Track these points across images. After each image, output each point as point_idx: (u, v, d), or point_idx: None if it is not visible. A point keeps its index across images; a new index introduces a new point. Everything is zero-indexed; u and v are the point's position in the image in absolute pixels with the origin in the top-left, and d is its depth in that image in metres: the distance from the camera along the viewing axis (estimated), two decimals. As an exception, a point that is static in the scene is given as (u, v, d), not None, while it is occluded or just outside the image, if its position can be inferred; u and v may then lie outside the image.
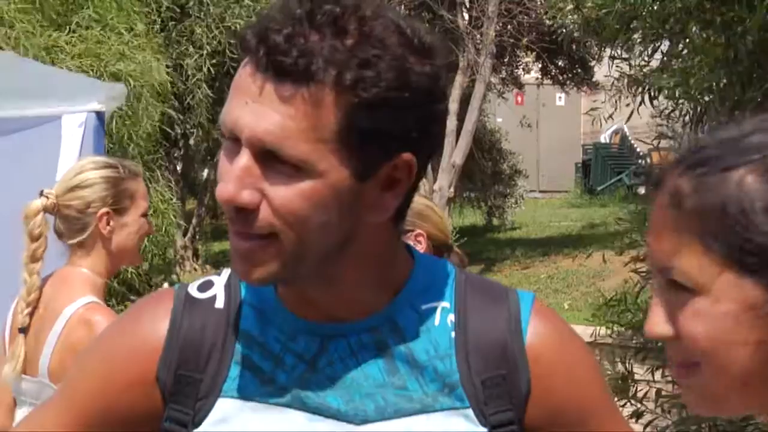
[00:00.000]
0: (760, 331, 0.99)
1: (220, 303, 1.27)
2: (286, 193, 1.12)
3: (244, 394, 1.23)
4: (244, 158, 1.13)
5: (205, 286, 1.30)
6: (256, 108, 1.11)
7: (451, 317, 1.26)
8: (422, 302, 1.27)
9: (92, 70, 5.66)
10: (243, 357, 1.24)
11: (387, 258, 1.25)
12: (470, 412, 1.23)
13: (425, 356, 1.24)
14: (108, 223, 2.57)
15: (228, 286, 1.29)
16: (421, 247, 2.56)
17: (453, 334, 1.25)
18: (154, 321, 1.27)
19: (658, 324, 1.05)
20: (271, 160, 1.12)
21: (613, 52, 4.09)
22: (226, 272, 1.31)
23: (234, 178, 1.13)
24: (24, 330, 2.55)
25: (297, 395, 1.22)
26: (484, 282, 1.33)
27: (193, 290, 1.29)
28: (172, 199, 7.23)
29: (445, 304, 1.27)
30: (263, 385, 1.23)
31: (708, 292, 1.01)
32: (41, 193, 2.61)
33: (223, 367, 1.24)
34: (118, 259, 2.64)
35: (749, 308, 0.99)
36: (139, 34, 6.27)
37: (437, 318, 1.26)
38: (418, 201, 2.67)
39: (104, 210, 2.56)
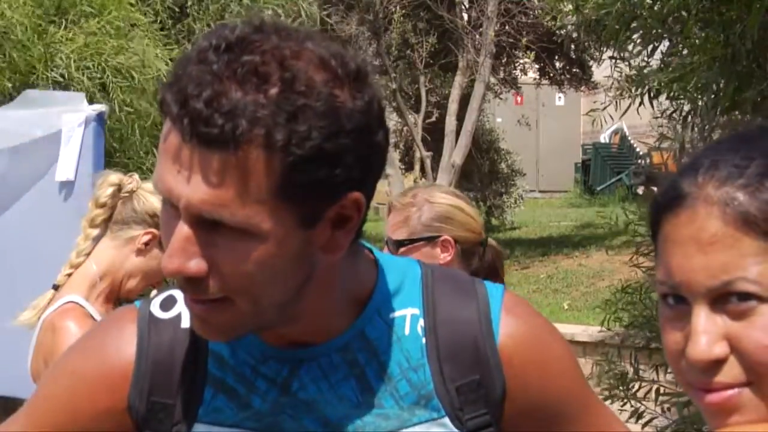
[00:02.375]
0: None
1: (186, 322, 1.22)
2: (234, 259, 1.08)
3: (221, 419, 1.20)
4: (185, 228, 1.08)
5: (168, 304, 1.25)
6: (188, 177, 1.06)
7: (422, 323, 1.24)
8: (390, 311, 1.24)
9: (92, 65, 5.64)
10: (216, 379, 1.21)
11: (350, 277, 1.21)
12: (447, 420, 1.21)
13: (398, 369, 1.22)
14: (147, 244, 2.54)
15: None
16: (448, 255, 2.42)
17: (424, 341, 1.23)
18: (120, 344, 1.23)
19: (710, 344, 0.97)
20: (213, 225, 1.08)
21: (613, 53, 4.09)
22: None
23: (178, 250, 1.08)
24: (56, 287, 2.54)
25: (274, 420, 1.20)
26: (452, 278, 1.30)
27: (155, 309, 1.25)
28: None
29: (414, 310, 1.24)
30: (240, 410, 1.20)
31: None
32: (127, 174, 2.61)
33: (196, 390, 1.21)
34: (127, 279, 2.57)
35: None
36: (138, 25, 6.24)
37: (407, 327, 1.23)
38: (441, 200, 2.50)
39: (156, 231, 2.50)
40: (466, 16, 13.71)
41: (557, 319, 9.37)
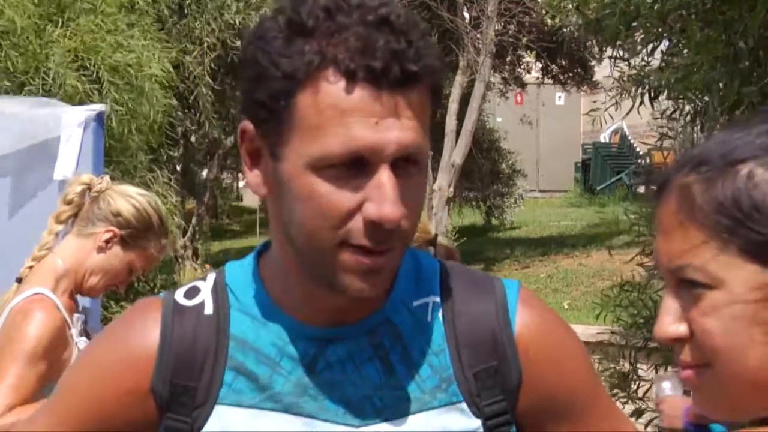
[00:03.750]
0: None
1: (209, 309, 1.26)
2: (418, 199, 1.18)
3: (241, 400, 1.23)
4: (392, 176, 1.13)
5: (192, 293, 1.28)
6: (394, 121, 1.12)
7: (441, 311, 1.27)
8: (414, 299, 1.27)
9: (89, 63, 5.64)
10: (238, 363, 1.24)
11: None
12: (464, 405, 1.24)
13: (420, 354, 1.25)
14: (107, 242, 2.56)
15: (215, 292, 1.28)
16: None
17: (444, 329, 1.26)
18: (144, 332, 1.26)
19: (669, 324, 1.04)
20: (406, 168, 1.15)
21: (614, 53, 4.09)
22: (211, 277, 1.30)
23: (396, 197, 1.13)
24: (19, 279, 2.59)
25: (294, 400, 1.22)
26: (469, 272, 1.34)
27: (180, 298, 1.28)
28: (171, 198, 7.22)
29: (435, 299, 1.28)
30: (259, 391, 1.23)
31: (724, 286, 1.00)
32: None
33: (217, 373, 1.23)
34: (89, 275, 2.58)
35: (760, 300, 0.99)
36: (135, 24, 6.23)
37: (429, 314, 1.27)
38: None
39: (114, 229, 2.56)
40: (466, 16, 13.71)
41: (557, 318, 9.36)
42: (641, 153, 18.02)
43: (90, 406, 1.26)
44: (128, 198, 2.61)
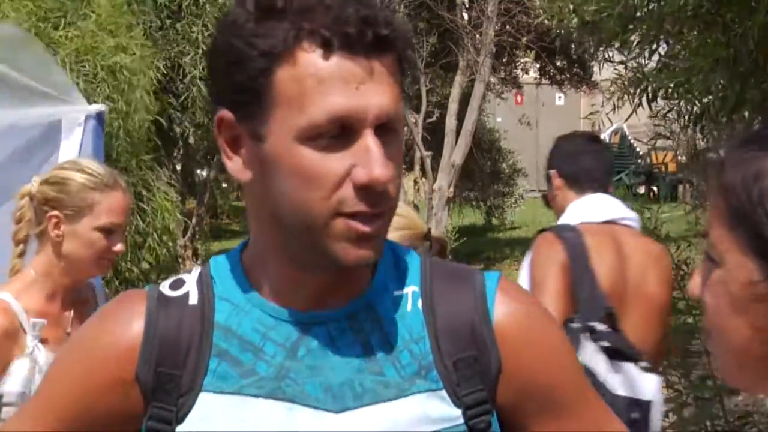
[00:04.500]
0: (753, 314, 1.01)
1: (193, 299, 1.28)
2: (399, 161, 1.20)
3: (225, 387, 1.23)
4: (376, 139, 1.16)
5: (177, 285, 1.30)
6: (374, 86, 1.15)
7: (421, 302, 1.28)
8: (395, 287, 1.29)
9: (88, 64, 5.64)
10: (221, 350, 1.25)
11: None
12: (444, 393, 1.24)
13: (401, 341, 1.25)
14: (56, 227, 2.49)
15: (200, 283, 1.29)
16: None
17: (424, 318, 1.27)
18: (129, 321, 1.27)
19: (695, 285, 1.08)
20: (386, 130, 1.17)
21: (610, 55, 4.09)
22: (197, 270, 1.32)
23: (384, 158, 1.16)
24: None
25: (277, 385, 1.23)
26: (449, 264, 1.35)
27: (165, 289, 1.29)
28: (172, 197, 7.21)
29: (414, 288, 1.29)
30: (243, 377, 1.24)
31: (724, 267, 1.03)
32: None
33: (202, 361, 1.24)
34: (71, 268, 2.52)
35: (747, 290, 1.01)
36: (134, 28, 6.24)
37: (409, 303, 1.28)
38: None
39: (53, 213, 2.48)
40: (466, 16, 13.71)
41: (557, 319, 9.36)
42: (641, 153, 18.02)
43: (76, 396, 1.27)
44: (46, 180, 2.55)
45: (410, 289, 1.29)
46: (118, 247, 2.54)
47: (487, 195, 17.16)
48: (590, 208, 3.10)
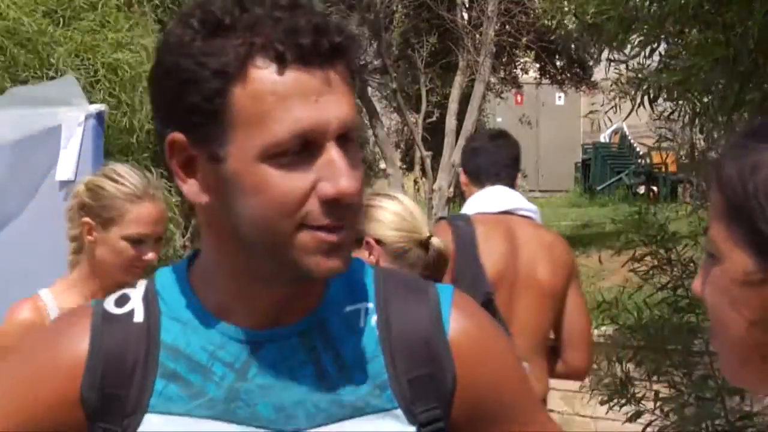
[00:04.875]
0: (749, 307, 1.01)
1: (139, 317, 1.25)
2: (359, 172, 1.17)
3: (172, 408, 1.21)
4: (336, 150, 1.14)
5: (122, 301, 1.28)
6: (331, 97, 1.13)
7: (375, 318, 1.26)
8: (347, 303, 1.27)
9: (88, 61, 5.63)
10: (169, 370, 1.22)
11: None
12: (399, 412, 1.23)
13: (354, 359, 1.24)
14: (89, 233, 2.56)
15: (145, 299, 1.27)
16: (372, 257, 2.38)
17: (378, 335, 1.25)
18: (72, 340, 1.24)
19: (698, 282, 1.08)
20: (343, 147, 1.15)
21: (610, 55, 4.09)
22: (142, 285, 1.29)
23: (350, 169, 1.14)
24: None
25: (227, 407, 1.21)
26: (403, 278, 1.34)
27: (109, 306, 1.27)
28: (170, 198, 7.19)
29: (369, 304, 1.27)
30: (191, 399, 1.21)
31: (724, 262, 1.02)
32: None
33: (148, 381, 1.22)
34: (103, 273, 2.57)
35: (744, 284, 1.01)
36: (134, 27, 6.22)
37: (362, 320, 1.26)
38: (377, 202, 2.46)
39: (86, 219, 2.55)
40: (466, 16, 13.70)
41: (557, 319, 9.35)
42: (641, 153, 18.01)
43: (17, 414, 1.24)
44: (86, 184, 2.61)
45: (363, 306, 1.27)
46: (149, 256, 2.58)
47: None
48: (487, 200, 3.33)
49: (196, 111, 1.14)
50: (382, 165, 14.10)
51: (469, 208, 3.33)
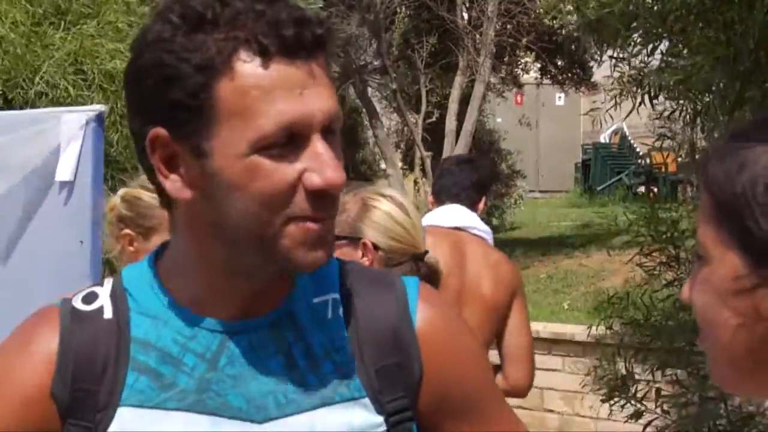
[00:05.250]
0: (737, 309, 1.00)
1: (108, 313, 1.25)
2: (342, 163, 1.18)
3: (144, 401, 1.21)
4: (321, 142, 1.15)
5: (90, 298, 1.27)
6: (315, 90, 1.14)
7: (341, 308, 1.27)
8: (315, 295, 1.28)
9: (86, 67, 5.63)
10: (140, 364, 1.23)
11: None
12: (367, 401, 1.24)
13: (322, 349, 1.25)
14: (130, 244, 2.58)
15: (113, 296, 1.27)
16: (366, 259, 2.35)
17: (345, 326, 1.27)
18: (42, 338, 1.24)
19: (686, 288, 1.07)
20: (326, 136, 1.16)
21: (612, 53, 4.09)
22: (109, 282, 1.29)
23: (335, 160, 1.15)
24: None
25: (198, 398, 1.21)
26: (369, 270, 1.37)
27: (77, 303, 1.27)
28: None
29: (335, 296, 1.28)
30: (163, 391, 1.22)
31: (712, 263, 1.02)
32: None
33: (119, 376, 1.22)
34: None
35: (733, 284, 1.00)
36: (132, 32, 6.23)
37: (330, 311, 1.27)
38: (377, 204, 2.43)
39: (126, 231, 2.57)
40: (466, 16, 13.71)
41: (557, 319, 9.37)
42: (641, 153, 18.02)
43: None
44: (122, 196, 2.63)
45: (330, 297, 1.28)
46: None
47: (487, 195, 17.15)
48: (441, 215, 3.59)
49: (179, 107, 1.14)
50: (383, 165, 14.11)
51: (426, 222, 3.42)
